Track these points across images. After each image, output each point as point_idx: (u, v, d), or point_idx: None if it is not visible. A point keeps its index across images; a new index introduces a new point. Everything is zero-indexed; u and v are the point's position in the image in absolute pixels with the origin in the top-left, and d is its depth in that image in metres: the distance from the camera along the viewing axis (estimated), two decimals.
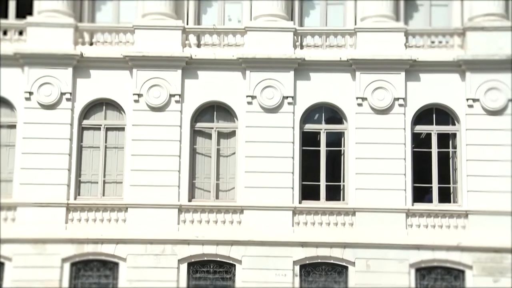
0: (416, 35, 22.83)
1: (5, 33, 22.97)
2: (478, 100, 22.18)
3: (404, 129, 22.27)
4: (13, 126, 22.56)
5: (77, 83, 22.53)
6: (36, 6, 23.37)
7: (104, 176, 22.53)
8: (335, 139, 22.73)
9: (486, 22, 22.50)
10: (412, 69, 22.34)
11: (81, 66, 22.51)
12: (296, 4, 23.64)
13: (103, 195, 22.45)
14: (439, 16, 23.85)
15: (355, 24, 23.17)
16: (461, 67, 22.30)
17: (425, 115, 22.62)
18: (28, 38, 22.65)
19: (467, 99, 22.23)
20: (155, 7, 22.87)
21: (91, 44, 22.93)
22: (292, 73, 22.33)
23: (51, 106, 22.33)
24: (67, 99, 22.38)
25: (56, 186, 22.01)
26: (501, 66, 22.17)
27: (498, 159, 21.85)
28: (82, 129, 22.62)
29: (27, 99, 22.34)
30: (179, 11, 23.32)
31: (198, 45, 22.85)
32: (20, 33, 22.93)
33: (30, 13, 23.32)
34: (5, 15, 23.69)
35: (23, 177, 22.07)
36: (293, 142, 22.25)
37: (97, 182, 22.50)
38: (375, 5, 22.80)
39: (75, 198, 22.24)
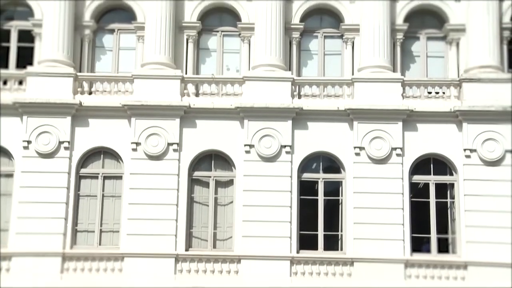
0: (413, 86, 22.79)
1: (5, 82, 22.89)
2: (475, 150, 22.02)
3: (402, 178, 22.04)
4: (10, 175, 22.28)
5: (75, 131, 22.35)
6: (37, 56, 23.40)
7: (101, 225, 22.17)
8: (333, 189, 22.49)
9: (482, 74, 22.51)
10: (410, 119, 22.24)
11: (80, 115, 22.37)
12: (294, 54, 23.63)
13: (100, 244, 22.05)
14: (435, 67, 23.85)
15: (353, 74, 23.15)
16: (458, 117, 22.21)
17: (423, 165, 22.41)
18: (28, 88, 22.56)
19: (465, 149, 22.06)
20: (154, 57, 22.82)
21: (90, 93, 22.84)
22: (290, 122, 22.19)
23: (49, 155, 22.10)
24: (65, 148, 22.17)
25: (52, 236, 21.62)
26: (498, 117, 22.08)
27: (497, 210, 21.56)
28: (79, 177, 22.36)
29: (25, 148, 22.12)
30: (178, 60, 23.28)
31: (197, 94, 22.75)
32: (20, 82, 22.87)
33: (31, 63, 23.28)
34: (5, 65, 23.66)
35: (19, 226, 21.69)
36: (291, 191, 22.01)
37: (93, 231, 22.12)
38: (372, 56, 22.81)
39: (71, 248, 21.84)
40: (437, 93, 22.77)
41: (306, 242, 21.97)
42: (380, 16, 22.89)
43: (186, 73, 23.16)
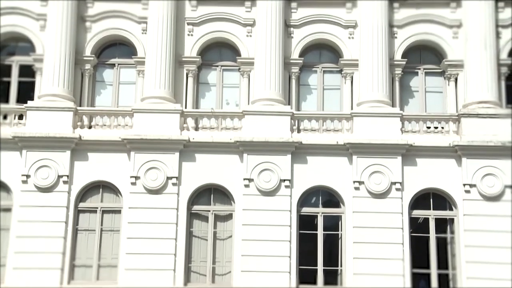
0: (412, 121, 22.66)
1: (5, 117, 22.76)
2: (475, 185, 21.79)
3: (402, 213, 21.78)
4: (8, 210, 21.99)
5: (74, 165, 22.15)
6: (37, 91, 23.30)
7: (99, 260, 21.82)
8: (333, 223, 22.21)
9: (480, 109, 22.39)
10: (409, 153, 22.06)
11: (79, 149, 22.18)
12: (294, 88, 23.55)
13: (98, 279, 21.69)
14: (434, 102, 23.72)
15: (352, 108, 23.04)
16: (457, 152, 22.03)
17: (422, 199, 22.17)
18: (28, 122, 22.41)
19: (464, 185, 21.84)
20: (154, 91, 22.70)
21: (90, 127, 22.69)
22: (289, 156, 22.00)
23: (48, 189, 21.86)
24: (64, 182, 21.93)
25: (50, 270, 21.26)
26: (497, 152, 21.87)
27: (497, 245, 21.22)
28: (78, 211, 22.08)
29: (24, 182, 21.89)
30: (178, 94, 23.17)
31: (196, 128, 22.60)
32: (20, 117, 22.73)
33: (31, 98, 23.17)
34: (6, 100, 23.55)
35: (16, 261, 21.34)
36: (290, 226, 21.72)
37: (91, 266, 21.74)
38: (371, 91, 22.71)
39: (68, 283, 21.47)
40: (436, 128, 22.63)
41: (306, 276, 21.62)
42: (378, 51, 22.84)
43: (185, 107, 23.06)
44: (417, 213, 22.02)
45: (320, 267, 21.68)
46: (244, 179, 21.90)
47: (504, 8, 23.59)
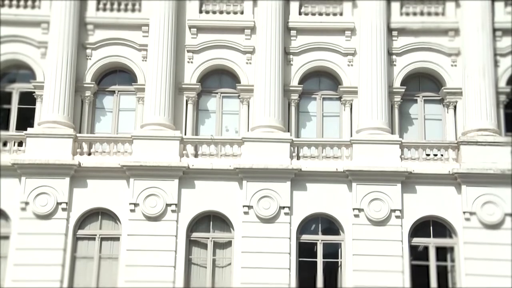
0: (411, 148, 22.53)
1: (5, 144, 22.63)
2: (475, 213, 21.59)
3: (402, 241, 21.56)
4: (7, 237, 21.74)
5: (73, 192, 21.98)
6: (37, 118, 23.22)
7: None
8: (333, 250, 21.99)
9: (480, 137, 22.28)
10: (408, 181, 21.91)
11: (78, 176, 22.02)
12: (293, 115, 23.46)
13: None
14: (433, 129, 23.63)
15: (351, 135, 22.93)
16: (457, 180, 21.88)
17: (422, 227, 21.97)
18: (27, 149, 22.27)
19: (464, 212, 21.65)
20: (154, 118, 22.60)
21: (89, 154, 22.55)
22: (288, 183, 21.86)
23: (46, 216, 21.66)
24: (63, 209, 21.74)
25: None
26: (497, 180, 21.72)
27: (498, 274, 20.97)
28: (76, 239, 21.85)
29: (23, 209, 21.70)
30: (178, 121, 23.07)
31: (196, 155, 22.47)
32: (20, 144, 22.61)
33: (31, 125, 23.08)
34: (6, 127, 23.46)
35: None
36: (289, 253, 21.51)
37: None
38: (371, 118, 22.62)
39: None
40: (435, 155, 22.49)
41: None
42: (378, 79, 22.79)
43: (185, 134, 22.94)
44: (417, 241, 21.79)
45: None
46: (244, 206, 21.72)
47: (501, 37, 23.59)
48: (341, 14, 23.86)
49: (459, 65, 23.46)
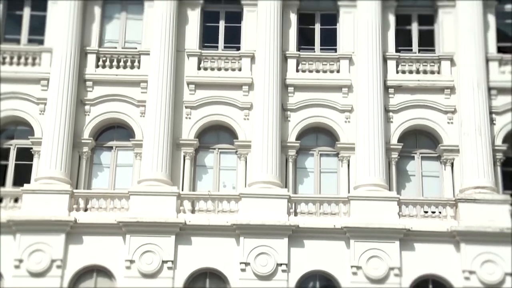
0: (409, 205, 22.39)
1: (0, 200, 22.45)
2: (474, 272, 21.35)
3: None
4: None
5: (69, 249, 21.69)
6: (34, 174, 23.10)
7: None
8: None
9: (477, 194, 22.18)
10: (407, 238, 21.70)
11: (74, 232, 21.78)
12: (290, 171, 23.34)
13: None
14: (431, 186, 23.51)
15: (349, 192, 22.79)
16: (455, 238, 21.68)
17: (422, 286, 21.64)
18: (23, 205, 22.11)
19: (463, 271, 21.38)
20: (151, 173, 22.49)
21: (86, 210, 22.34)
22: (286, 240, 21.63)
23: (41, 274, 21.35)
24: (58, 266, 21.41)
25: None
26: (495, 238, 21.55)
27: None
28: None
29: (17, 267, 21.38)
30: (175, 177, 22.95)
31: (193, 211, 22.29)
32: (16, 200, 22.44)
33: (28, 181, 22.95)
34: (2, 183, 23.31)
35: None
36: None
37: None
38: (368, 175, 22.52)
39: None
40: (433, 212, 22.32)
41: None
42: (375, 135, 22.77)
43: (182, 190, 22.80)
44: None
45: None
46: (241, 263, 21.41)
47: (497, 95, 23.75)
48: (338, 71, 24.04)
49: (455, 123, 23.51)
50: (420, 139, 23.94)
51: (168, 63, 23.43)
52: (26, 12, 24.86)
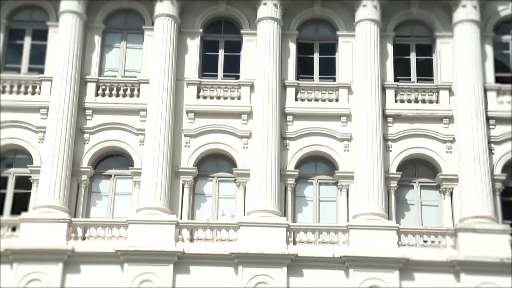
0: (408, 234, 22.26)
1: None
2: None
3: None
4: None
5: (66, 278, 21.51)
6: (32, 202, 22.99)
7: None
8: None
9: (477, 224, 22.08)
10: (406, 267, 21.55)
11: (72, 261, 21.62)
12: (289, 200, 23.27)
13: None
14: (430, 215, 23.41)
15: (348, 221, 22.68)
16: (455, 267, 21.54)
17: None
18: (21, 234, 21.95)
19: None
20: (150, 202, 22.39)
21: (84, 238, 22.19)
22: (285, 269, 21.47)
23: None
24: None
25: None
26: (495, 268, 21.39)
27: None
28: None
29: None
30: (174, 205, 22.83)
31: (191, 240, 22.15)
32: (13, 229, 22.28)
33: (26, 209, 22.84)
34: (0, 212, 23.19)
35: None
36: None
37: None
38: (367, 203, 22.43)
39: None
40: (432, 242, 22.17)
41: None
42: (374, 164, 22.72)
43: (181, 218, 22.66)
44: None
45: None
46: None
47: (495, 125, 23.80)
48: (337, 100, 24.10)
49: (454, 152, 23.49)
50: (419, 168, 23.93)
51: (167, 92, 23.48)
52: (27, 42, 25.05)
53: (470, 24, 24.23)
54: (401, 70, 24.67)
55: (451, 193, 23.29)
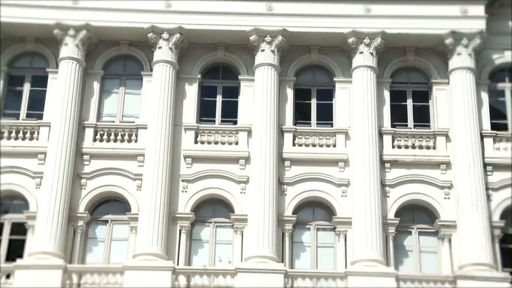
0: (407, 281, 21.96)
1: None
2: None
3: None
4: None
5: None
6: (28, 248, 22.72)
7: None
8: None
9: (476, 272, 21.87)
10: None
11: None
12: (287, 246, 23.06)
13: None
14: (429, 262, 23.19)
15: (346, 267, 22.43)
16: None
17: None
18: (15, 281, 21.57)
19: None
20: (146, 247, 22.15)
21: (79, 285, 21.78)
22: None
23: None
24: None
25: None
26: None
27: None
28: None
29: None
30: (170, 251, 22.60)
31: (188, 286, 21.62)
32: (8, 276, 21.91)
33: (21, 256, 22.53)
34: None
35: None
36: None
37: None
38: (365, 250, 22.25)
39: None
40: None
41: None
42: (371, 210, 22.60)
43: (177, 264, 22.37)
44: None
45: None
46: None
47: (492, 171, 23.76)
48: (334, 145, 24.10)
49: (452, 198, 23.40)
50: (417, 214, 23.79)
51: (165, 137, 23.46)
52: (26, 88, 25.14)
53: (466, 71, 24.42)
54: (398, 116, 24.76)
55: (450, 240, 23.11)
